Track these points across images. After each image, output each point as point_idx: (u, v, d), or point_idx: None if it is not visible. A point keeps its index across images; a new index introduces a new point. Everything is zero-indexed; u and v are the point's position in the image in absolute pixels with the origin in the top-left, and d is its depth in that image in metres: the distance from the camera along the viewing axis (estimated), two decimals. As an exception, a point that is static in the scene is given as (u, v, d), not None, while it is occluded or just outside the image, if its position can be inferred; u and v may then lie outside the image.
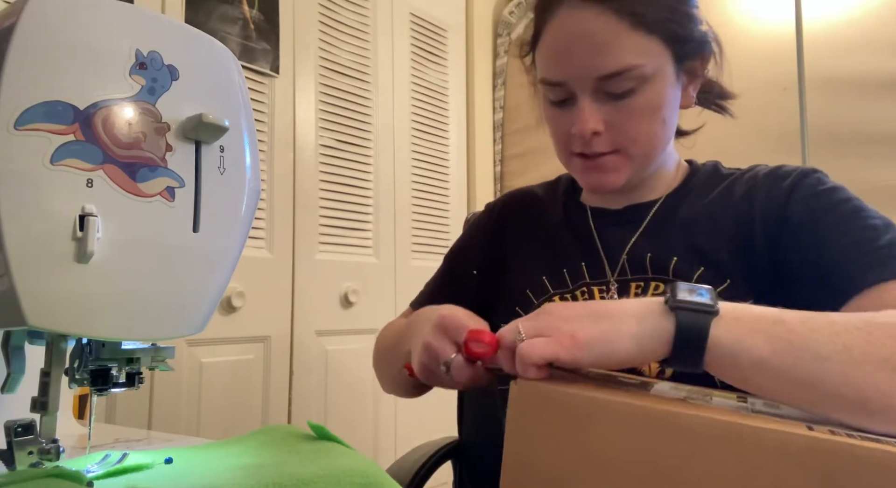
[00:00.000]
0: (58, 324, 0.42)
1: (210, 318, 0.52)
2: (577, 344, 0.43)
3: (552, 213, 0.80)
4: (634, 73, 0.62)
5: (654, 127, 0.66)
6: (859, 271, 0.56)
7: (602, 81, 0.63)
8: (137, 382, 0.51)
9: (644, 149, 0.67)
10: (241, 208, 0.53)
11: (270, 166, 1.46)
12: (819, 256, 0.59)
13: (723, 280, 0.64)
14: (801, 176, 0.66)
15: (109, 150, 0.43)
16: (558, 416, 0.40)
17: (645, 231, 0.71)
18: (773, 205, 0.65)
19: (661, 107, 0.65)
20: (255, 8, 1.45)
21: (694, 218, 0.69)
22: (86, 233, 0.41)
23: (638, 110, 0.64)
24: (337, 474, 0.46)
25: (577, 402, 0.40)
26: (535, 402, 0.41)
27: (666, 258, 0.67)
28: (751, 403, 0.45)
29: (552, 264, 0.75)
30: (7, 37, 0.41)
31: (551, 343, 0.44)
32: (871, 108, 1.51)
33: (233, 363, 1.37)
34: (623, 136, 0.66)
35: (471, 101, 2.08)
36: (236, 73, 0.54)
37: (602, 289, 0.70)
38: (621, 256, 0.71)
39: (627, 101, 0.64)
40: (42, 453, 0.47)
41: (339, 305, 1.60)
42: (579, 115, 0.65)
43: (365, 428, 1.64)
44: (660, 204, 0.72)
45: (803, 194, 0.64)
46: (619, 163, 0.67)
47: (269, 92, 1.47)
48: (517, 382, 0.42)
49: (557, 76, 0.65)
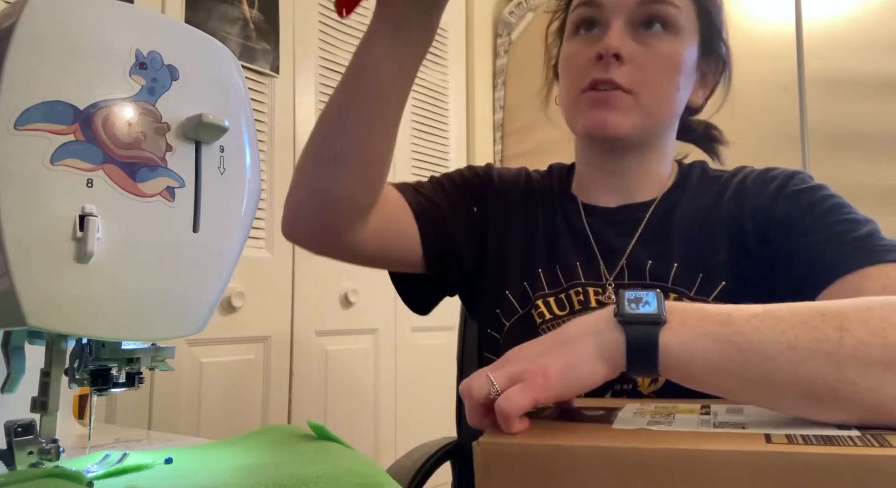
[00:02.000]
0: (58, 324, 0.42)
1: (210, 318, 0.52)
2: (549, 380, 0.44)
3: (549, 205, 0.78)
4: (671, 10, 0.65)
5: (670, 85, 0.67)
6: (839, 258, 0.58)
7: (641, 9, 0.65)
8: (137, 382, 0.51)
9: (656, 101, 0.67)
10: (241, 208, 0.53)
11: (270, 166, 1.46)
12: (803, 248, 0.61)
13: (720, 284, 0.65)
14: (787, 177, 0.68)
15: (109, 150, 0.43)
16: (523, 470, 0.41)
17: (643, 236, 0.71)
18: (762, 207, 0.66)
19: (679, 67, 0.67)
20: (255, 8, 1.45)
21: (690, 223, 0.70)
22: (86, 233, 0.42)
23: (661, 56, 0.66)
24: (337, 474, 0.46)
25: (539, 453, 0.40)
26: (498, 459, 0.42)
27: (666, 266, 0.68)
28: (713, 414, 0.46)
29: (549, 259, 0.74)
30: (7, 37, 0.41)
31: (527, 388, 0.44)
32: (871, 108, 1.51)
33: (233, 363, 1.37)
34: (643, 76, 0.66)
35: (471, 101, 2.08)
36: (236, 73, 0.54)
37: (598, 291, 0.70)
38: (620, 260, 0.70)
39: (654, 43, 0.66)
40: (42, 453, 0.47)
41: (339, 305, 1.60)
42: (609, 36, 0.66)
43: (365, 428, 1.64)
44: (655, 207, 0.72)
45: (788, 192, 0.66)
46: (629, 105, 0.66)
47: (269, 92, 1.47)
48: (479, 442, 0.42)
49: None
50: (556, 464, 0.40)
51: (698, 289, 0.66)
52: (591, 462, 0.39)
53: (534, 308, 0.72)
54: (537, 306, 0.71)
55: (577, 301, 0.70)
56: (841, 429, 0.39)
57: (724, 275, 0.65)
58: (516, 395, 0.44)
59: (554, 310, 0.71)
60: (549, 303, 0.72)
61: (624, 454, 0.38)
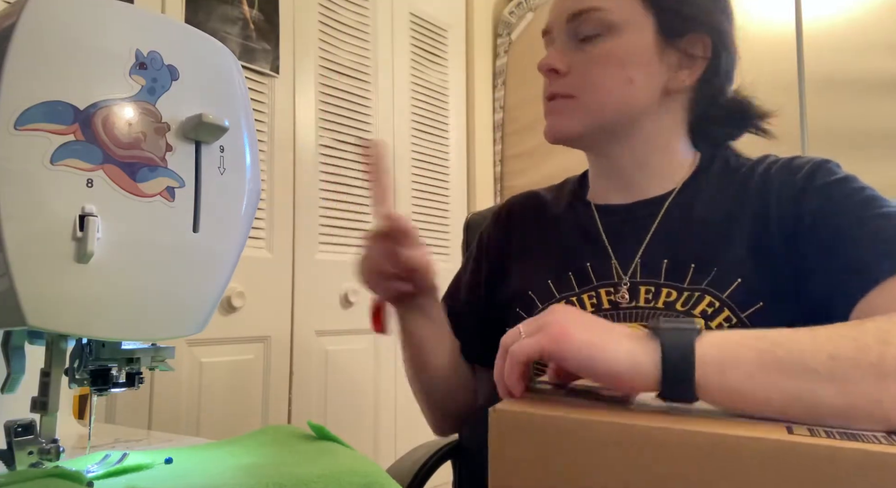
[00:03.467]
0: (58, 324, 0.42)
1: (210, 318, 0.52)
2: (566, 341, 0.43)
3: (557, 214, 0.79)
4: (597, 15, 0.67)
5: (614, 81, 0.68)
6: (876, 261, 0.55)
7: (571, 23, 0.69)
8: (137, 382, 0.51)
9: (599, 100, 0.69)
10: (241, 208, 0.53)
11: (270, 166, 1.46)
12: (837, 246, 0.58)
13: (735, 281, 0.62)
14: (814, 167, 0.65)
15: (109, 150, 0.43)
16: (537, 440, 0.40)
17: (658, 232, 0.69)
18: (788, 199, 0.63)
19: (626, 64, 0.67)
20: (255, 8, 1.45)
21: (710, 219, 0.67)
22: (86, 233, 0.41)
23: (599, 57, 0.68)
24: (337, 474, 0.46)
25: (555, 424, 0.39)
26: (513, 427, 0.41)
27: (683, 264, 0.65)
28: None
29: (558, 267, 0.73)
30: (7, 37, 0.41)
31: (541, 337, 0.43)
32: (871, 107, 1.51)
33: (233, 363, 1.37)
34: (582, 81, 0.69)
35: (471, 101, 2.08)
36: (236, 73, 0.54)
37: (609, 291, 0.68)
38: (634, 258, 0.69)
39: (591, 47, 0.68)
40: (42, 453, 0.47)
41: (339, 305, 1.60)
42: (547, 53, 0.71)
43: (365, 428, 1.64)
44: (671, 201, 0.70)
45: (817, 185, 0.63)
46: (569, 108, 0.70)
47: (269, 92, 1.47)
48: (495, 409, 0.41)
49: (545, 25, 0.73)
50: (571, 437, 0.39)
51: (711, 284, 0.63)
52: (607, 437, 0.38)
53: None
54: None
55: (591, 303, 0.69)
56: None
57: (740, 272, 0.62)
58: (527, 342, 0.43)
59: None
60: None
61: (640, 432, 0.37)
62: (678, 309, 0.63)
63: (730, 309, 0.61)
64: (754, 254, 0.63)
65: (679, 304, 0.64)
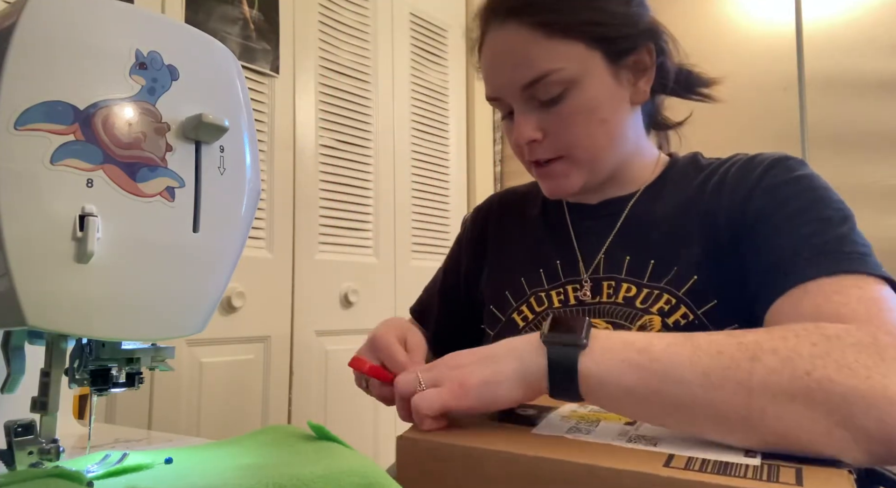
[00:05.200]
0: (58, 324, 0.42)
1: (210, 318, 0.52)
2: (465, 391, 0.47)
3: (531, 211, 0.81)
4: (554, 77, 0.65)
5: (592, 128, 0.67)
6: (798, 264, 0.55)
7: (527, 90, 0.66)
8: (137, 382, 0.51)
9: (589, 152, 0.68)
10: (241, 208, 0.53)
11: (270, 166, 1.46)
12: (768, 249, 0.59)
13: (692, 278, 0.64)
14: (769, 166, 0.65)
15: (109, 150, 0.43)
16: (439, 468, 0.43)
17: (622, 229, 0.71)
18: (739, 198, 0.64)
19: (596, 108, 0.66)
20: (255, 8, 1.45)
21: (670, 216, 0.69)
22: (86, 233, 0.41)
23: (570, 114, 0.66)
24: (337, 474, 0.46)
25: (454, 454, 0.43)
26: (417, 456, 0.44)
27: (643, 262, 0.67)
28: (636, 426, 0.47)
29: (530, 264, 0.76)
30: (7, 37, 0.41)
31: (443, 393, 0.47)
32: (871, 108, 1.51)
33: (233, 363, 1.37)
34: (561, 142, 0.68)
35: (471, 101, 2.08)
36: (236, 73, 0.54)
37: (576, 288, 0.71)
38: (598, 254, 0.71)
39: (558, 107, 0.66)
40: (42, 453, 0.47)
41: (339, 305, 1.60)
42: (515, 126, 0.68)
43: (365, 428, 1.64)
44: (636, 199, 0.72)
45: (765, 184, 0.63)
46: (566, 169, 0.69)
47: (269, 92, 1.47)
48: (400, 436, 0.45)
49: (492, 93, 0.70)
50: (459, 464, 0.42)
51: (669, 282, 0.65)
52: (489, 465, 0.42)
53: (517, 312, 0.73)
54: (520, 311, 0.73)
55: (559, 300, 0.71)
56: (747, 456, 0.40)
57: (696, 270, 0.64)
58: (430, 397, 0.47)
59: (535, 309, 0.72)
60: (531, 304, 0.73)
61: (518, 461, 0.40)
62: (638, 306, 0.65)
63: (686, 306, 0.63)
64: (709, 253, 0.65)
65: (639, 301, 0.65)
